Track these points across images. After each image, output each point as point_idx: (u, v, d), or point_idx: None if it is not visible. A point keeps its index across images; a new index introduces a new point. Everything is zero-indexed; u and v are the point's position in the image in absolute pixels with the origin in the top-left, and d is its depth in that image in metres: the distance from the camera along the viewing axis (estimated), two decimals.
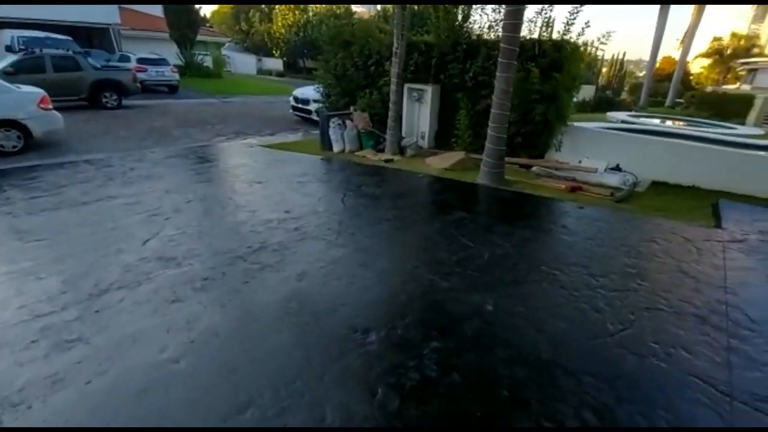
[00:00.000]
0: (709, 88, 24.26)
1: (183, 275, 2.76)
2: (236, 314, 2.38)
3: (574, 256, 3.32)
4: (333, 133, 7.68)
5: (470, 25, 7.63)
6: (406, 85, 7.89)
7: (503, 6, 7.00)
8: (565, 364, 2.05)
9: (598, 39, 6.70)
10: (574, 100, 8.85)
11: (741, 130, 13.59)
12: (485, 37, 7.39)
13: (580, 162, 6.83)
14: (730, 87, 29.13)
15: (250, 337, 2.19)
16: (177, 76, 16.26)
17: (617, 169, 6.49)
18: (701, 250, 3.47)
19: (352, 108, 8.52)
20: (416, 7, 13.12)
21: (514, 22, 5.17)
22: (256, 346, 2.11)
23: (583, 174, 6.42)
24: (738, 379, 1.96)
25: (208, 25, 31.05)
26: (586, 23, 6.66)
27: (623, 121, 14.12)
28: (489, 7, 7.29)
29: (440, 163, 6.76)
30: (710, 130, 13.27)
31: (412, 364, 2.01)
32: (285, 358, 2.04)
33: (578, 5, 6.50)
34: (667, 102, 23.38)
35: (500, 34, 6.78)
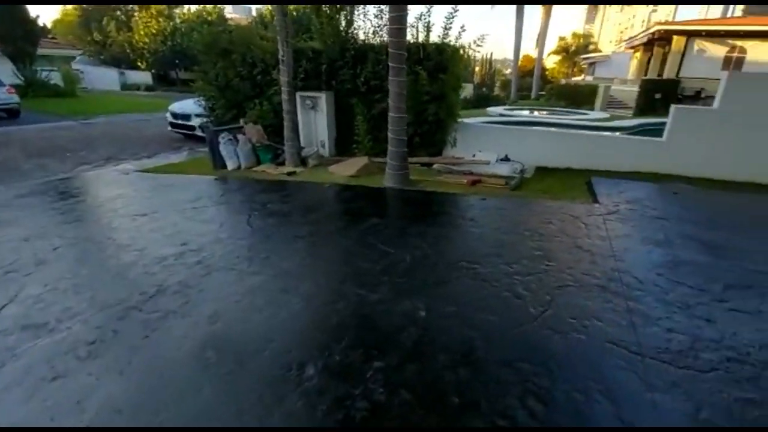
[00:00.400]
0: (563, 81, 28.50)
1: (61, 343, 2.24)
2: (140, 380, 2.00)
3: (487, 247, 3.54)
4: (225, 149, 7.11)
5: (355, 31, 7.73)
6: (298, 94, 7.67)
7: (386, 12, 7.26)
8: (502, 357, 2.14)
9: (474, 41, 7.31)
10: (460, 98, 9.55)
11: (592, 114, 16.21)
12: (371, 42, 7.56)
13: (474, 156, 7.38)
14: (578, 79, 34.63)
15: (163, 405, 1.84)
16: (16, 97, 13.61)
17: (506, 159, 7.16)
18: (588, 225, 3.98)
19: (242, 121, 8.01)
20: (295, 13, 12.87)
21: (398, 27, 5.35)
22: (173, 415, 1.79)
23: (479, 166, 6.94)
24: (643, 337, 2.26)
25: (50, 36, 26.55)
26: (461, 27, 7.22)
27: (501, 114, 15.82)
28: (372, 13, 7.47)
29: (345, 170, 6.72)
30: (569, 117, 15.59)
31: (357, 392, 1.89)
32: (212, 421, 1.76)
33: (455, 11, 7.00)
34: (533, 95, 26.81)
35: (386, 39, 7.04)
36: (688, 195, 5.10)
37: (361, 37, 7.74)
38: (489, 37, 7.47)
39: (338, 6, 7.88)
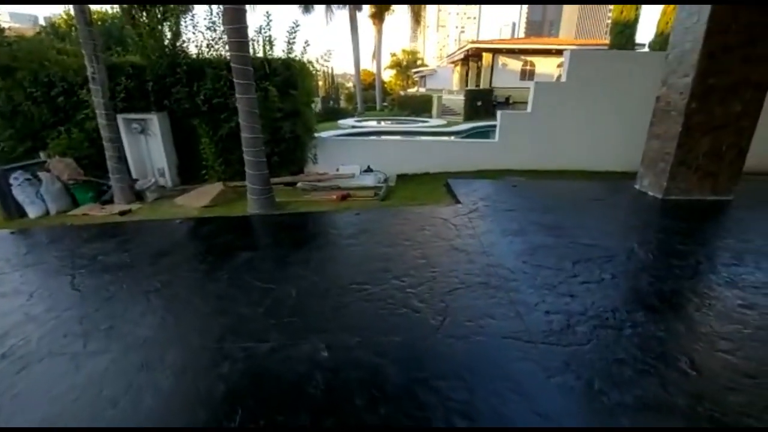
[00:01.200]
0: (402, 93, 31.31)
1: None
2: None
3: (373, 263, 3.50)
4: (21, 192, 5.57)
5: (185, 44, 6.98)
6: (121, 116, 6.54)
7: (220, 25, 6.73)
8: (417, 377, 2.08)
9: (322, 56, 7.36)
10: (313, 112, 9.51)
11: (432, 122, 18.15)
12: (207, 57, 6.93)
13: (337, 170, 7.41)
14: (413, 90, 38.53)
15: None
16: None
17: (369, 170, 7.38)
18: (457, 225, 4.32)
19: (42, 154, 6.43)
20: (101, 23, 11.01)
21: (239, 40, 4.97)
22: None
23: (344, 180, 6.99)
24: (530, 325, 2.49)
25: None
26: (306, 42, 7.19)
27: (354, 126, 16.44)
28: (203, 25, 6.85)
29: (196, 201, 5.95)
30: (415, 124, 17.15)
31: None
32: None
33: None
34: (378, 106, 28.67)
35: (226, 54, 6.55)
36: (524, 186, 6.04)
37: (193, 50, 7.02)
38: (328, 51, 7.61)
39: (159, 16, 7.01)
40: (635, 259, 3.52)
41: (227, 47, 5.66)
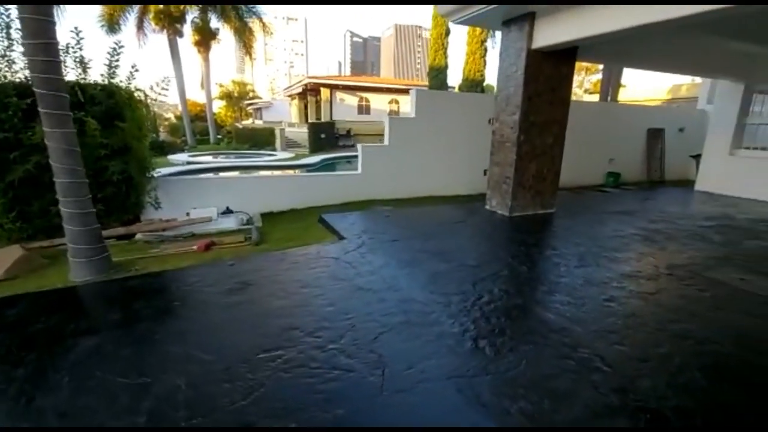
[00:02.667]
0: (239, 125, 29.72)
1: None
2: None
3: (273, 320, 3.02)
4: None
5: None
6: None
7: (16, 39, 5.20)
8: None
9: (157, 84, 6.33)
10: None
11: (279, 155, 17.66)
12: None
13: (188, 214, 6.39)
14: (248, 122, 37.14)
15: None
16: None
17: (229, 211, 6.60)
18: (352, 263, 4.13)
19: None
20: None
21: (47, 59, 3.84)
22: None
23: (200, 226, 6.06)
24: (467, 358, 2.47)
25: None
26: (133, 67, 6.09)
27: (189, 162, 14.70)
28: None
29: None
30: (261, 158, 16.37)
31: None
32: None
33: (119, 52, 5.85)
34: (212, 139, 26.53)
35: (15, 76, 5.09)
36: (395, 216, 6.28)
37: None
38: (142, 79, 6.62)
39: None
40: (516, 271, 3.95)
41: (27, 68, 4.33)
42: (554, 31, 5.30)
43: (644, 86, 19.86)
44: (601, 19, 4.64)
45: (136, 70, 6.16)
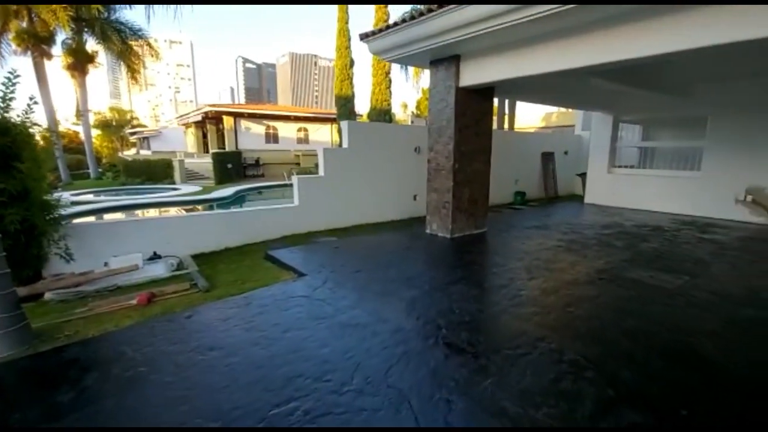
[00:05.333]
0: (129, 157, 26.57)
1: None
2: None
3: (274, 371, 2.86)
4: None
5: None
6: None
7: None
8: None
9: (68, 119, 5.53)
10: None
11: (183, 189, 16.29)
12: None
13: (106, 264, 5.63)
14: (131, 153, 33.53)
15: None
16: None
17: (157, 257, 5.97)
18: (325, 299, 4.08)
19: None
20: None
21: None
22: None
23: (123, 276, 5.38)
24: (498, 382, 2.65)
25: None
26: (32, 99, 5.29)
27: (74, 203, 12.77)
28: None
29: None
30: (164, 194, 14.91)
31: None
32: None
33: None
34: (92, 174, 23.42)
35: None
36: (344, 246, 6.32)
37: None
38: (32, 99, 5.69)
39: None
40: (482, 288, 4.32)
41: None
42: (477, 73, 6.03)
43: (524, 115, 23.01)
44: (514, 67, 5.46)
45: (35, 103, 5.35)
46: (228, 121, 22.33)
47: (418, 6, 5.79)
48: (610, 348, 3.10)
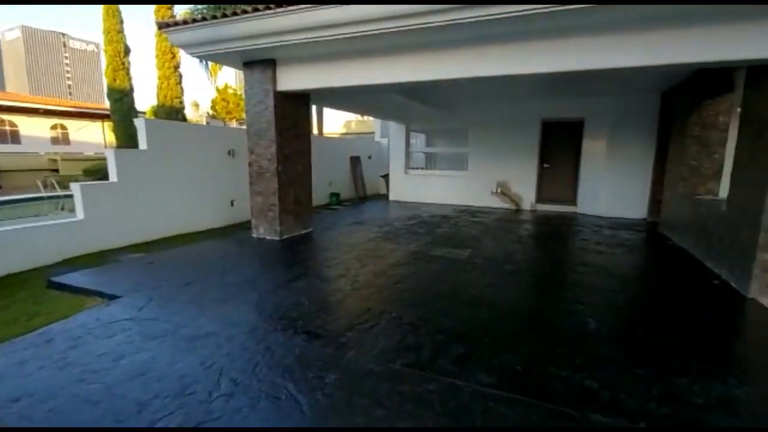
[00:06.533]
0: None
1: None
2: None
3: (129, 411, 2.55)
4: None
5: None
6: None
7: None
8: None
9: None
10: None
11: None
12: None
13: None
14: None
15: None
16: None
17: None
18: (158, 318, 3.70)
19: None
20: None
21: None
22: None
23: None
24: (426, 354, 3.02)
25: None
26: None
27: None
28: None
29: None
30: None
31: None
32: None
33: None
34: None
35: None
36: (162, 260, 5.66)
37: None
38: None
39: None
40: (326, 282, 4.70)
41: None
42: (294, 79, 6.38)
43: (327, 122, 24.68)
44: (328, 77, 6.06)
45: None
46: None
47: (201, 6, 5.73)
48: (432, 307, 3.97)
